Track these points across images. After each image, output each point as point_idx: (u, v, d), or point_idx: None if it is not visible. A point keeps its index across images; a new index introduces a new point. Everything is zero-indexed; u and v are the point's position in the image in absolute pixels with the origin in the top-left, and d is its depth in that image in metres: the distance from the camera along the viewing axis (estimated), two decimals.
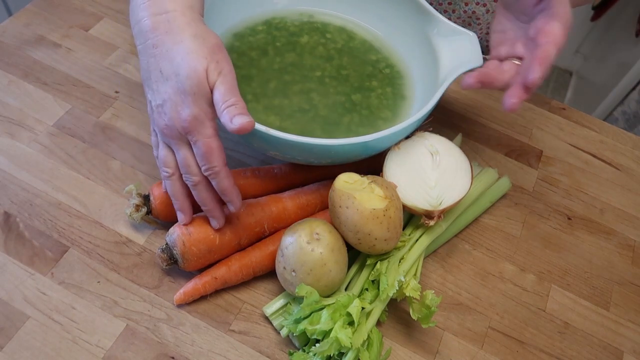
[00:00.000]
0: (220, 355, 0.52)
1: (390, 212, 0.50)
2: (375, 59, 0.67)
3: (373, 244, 0.50)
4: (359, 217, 0.49)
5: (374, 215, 0.49)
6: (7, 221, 0.57)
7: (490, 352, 0.56)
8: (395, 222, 0.50)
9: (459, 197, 0.55)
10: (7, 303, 0.52)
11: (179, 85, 0.46)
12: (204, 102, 0.46)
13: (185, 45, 0.46)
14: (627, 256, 0.65)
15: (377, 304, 0.51)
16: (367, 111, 0.62)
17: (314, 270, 0.49)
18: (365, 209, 0.49)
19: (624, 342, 0.58)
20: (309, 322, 0.48)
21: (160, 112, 0.48)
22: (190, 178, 0.50)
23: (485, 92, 0.77)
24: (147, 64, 0.47)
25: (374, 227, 0.49)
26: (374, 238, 0.50)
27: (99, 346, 0.51)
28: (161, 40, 0.46)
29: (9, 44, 0.71)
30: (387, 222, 0.50)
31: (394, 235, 0.51)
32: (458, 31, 0.62)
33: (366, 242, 0.50)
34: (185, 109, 0.46)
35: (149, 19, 0.47)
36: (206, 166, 0.48)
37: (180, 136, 0.48)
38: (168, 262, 0.53)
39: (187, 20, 0.47)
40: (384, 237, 0.50)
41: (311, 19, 0.70)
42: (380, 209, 0.49)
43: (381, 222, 0.49)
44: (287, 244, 0.50)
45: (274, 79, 0.62)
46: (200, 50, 0.46)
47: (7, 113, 0.64)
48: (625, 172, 0.73)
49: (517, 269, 0.62)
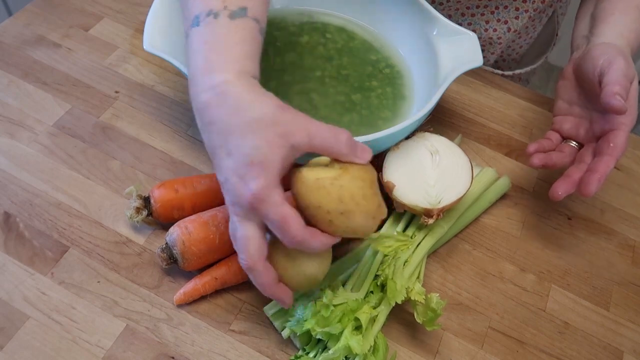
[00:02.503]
0: (220, 355, 0.52)
1: (343, 180, 0.43)
2: (375, 59, 0.67)
3: (329, 219, 0.43)
4: (305, 189, 0.43)
5: (318, 185, 0.43)
6: (7, 221, 0.57)
7: (490, 352, 0.56)
8: (352, 192, 0.43)
9: (458, 195, 0.55)
10: (7, 303, 0.52)
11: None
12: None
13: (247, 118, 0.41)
14: (627, 256, 0.65)
15: (382, 309, 0.52)
16: (367, 111, 0.62)
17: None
18: (307, 179, 0.44)
19: (624, 342, 0.58)
20: (316, 322, 0.48)
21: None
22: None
23: (485, 92, 0.77)
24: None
25: (321, 199, 0.43)
26: (325, 212, 0.43)
27: (99, 346, 0.51)
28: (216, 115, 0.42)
29: (9, 44, 0.71)
30: (339, 191, 0.43)
31: (355, 209, 0.43)
32: (458, 31, 0.62)
33: (322, 218, 0.44)
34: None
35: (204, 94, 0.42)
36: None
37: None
38: (168, 262, 0.53)
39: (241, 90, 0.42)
40: (338, 210, 0.43)
41: (311, 19, 0.69)
42: (327, 177, 0.43)
43: (329, 192, 0.43)
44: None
45: (274, 79, 0.62)
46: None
47: (7, 113, 0.64)
48: (625, 172, 0.73)
49: (517, 269, 0.62)
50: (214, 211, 0.54)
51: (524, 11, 0.76)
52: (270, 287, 0.44)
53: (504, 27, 0.78)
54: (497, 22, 0.78)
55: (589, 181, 0.55)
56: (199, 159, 0.64)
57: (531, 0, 0.75)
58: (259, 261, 0.43)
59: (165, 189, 0.56)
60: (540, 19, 0.81)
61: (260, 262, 0.43)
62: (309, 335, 0.50)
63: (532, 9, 0.76)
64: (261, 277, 0.44)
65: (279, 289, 0.45)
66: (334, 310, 0.49)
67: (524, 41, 0.83)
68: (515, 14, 0.77)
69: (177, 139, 0.65)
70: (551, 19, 0.84)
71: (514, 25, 0.78)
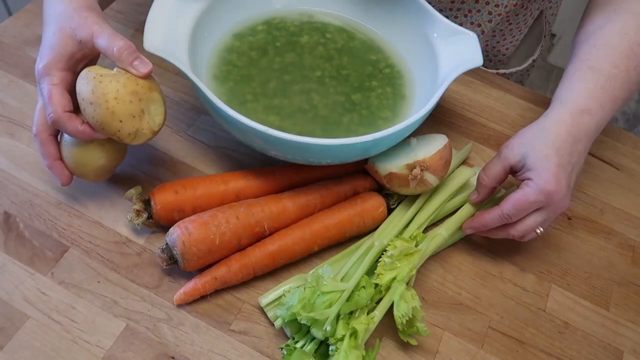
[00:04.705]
0: (220, 355, 0.52)
1: (105, 78, 0.49)
2: (375, 59, 0.67)
3: (83, 106, 0.50)
4: (77, 79, 0.50)
5: (84, 75, 0.50)
6: (7, 221, 0.57)
7: (490, 352, 0.56)
8: (107, 89, 0.49)
9: (437, 148, 0.56)
10: (7, 303, 0.52)
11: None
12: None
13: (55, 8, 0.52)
14: (627, 256, 0.65)
15: (376, 314, 0.52)
16: (367, 111, 0.62)
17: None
18: (82, 71, 0.50)
19: (624, 342, 0.58)
20: (302, 307, 0.49)
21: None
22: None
23: (485, 92, 0.77)
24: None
25: (81, 87, 0.49)
26: (81, 99, 0.49)
27: (99, 346, 0.51)
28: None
29: (9, 44, 0.71)
30: (94, 84, 0.49)
31: (103, 104, 0.49)
32: (458, 31, 0.62)
33: (79, 105, 0.50)
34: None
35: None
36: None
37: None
38: (168, 263, 0.53)
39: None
40: (89, 99, 0.49)
41: (311, 19, 0.69)
42: (94, 72, 0.49)
43: (88, 82, 0.49)
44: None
45: (274, 79, 0.62)
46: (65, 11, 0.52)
47: (7, 113, 0.64)
48: (625, 172, 0.73)
49: (517, 269, 0.62)
50: (214, 211, 0.54)
51: (497, 14, 0.76)
52: (50, 160, 0.54)
53: (477, 30, 0.78)
54: (470, 25, 0.78)
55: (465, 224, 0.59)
56: (199, 159, 0.64)
57: (503, 5, 0.75)
58: (63, 114, 0.50)
59: (165, 191, 0.56)
60: (525, 21, 0.80)
61: (65, 115, 0.50)
62: (299, 324, 0.51)
63: (504, 12, 0.76)
64: (46, 148, 0.53)
65: (58, 165, 0.54)
66: (321, 296, 0.49)
67: (509, 42, 0.83)
68: (489, 17, 0.77)
69: (177, 139, 0.65)
70: (539, 19, 0.84)
71: (487, 27, 0.78)
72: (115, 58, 0.50)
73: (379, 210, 0.59)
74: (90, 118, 0.50)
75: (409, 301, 0.51)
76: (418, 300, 0.52)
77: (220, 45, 0.64)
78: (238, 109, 0.57)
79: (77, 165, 0.55)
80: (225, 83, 0.61)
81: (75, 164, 0.54)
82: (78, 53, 0.52)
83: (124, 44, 0.50)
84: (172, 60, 0.54)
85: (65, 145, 0.54)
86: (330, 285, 0.51)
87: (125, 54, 0.50)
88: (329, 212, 0.58)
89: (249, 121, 0.51)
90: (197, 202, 0.56)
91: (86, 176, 0.56)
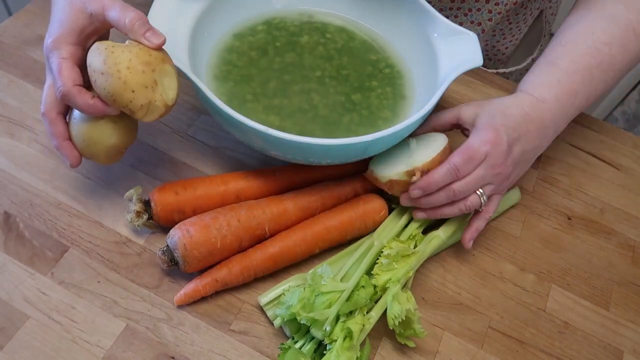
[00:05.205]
0: (220, 355, 0.52)
1: (117, 49, 0.48)
2: (375, 59, 0.67)
3: (94, 78, 0.48)
4: (88, 52, 0.50)
5: (95, 47, 0.49)
6: (7, 221, 0.57)
7: (490, 352, 0.56)
8: (119, 59, 0.47)
9: (436, 152, 0.56)
10: (7, 303, 0.52)
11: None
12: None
13: None
14: (627, 256, 0.65)
15: (372, 315, 0.52)
16: (367, 111, 0.62)
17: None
18: (94, 44, 0.49)
19: (624, 342, 0.58)
20: (301, 307, 0.49)
21: None
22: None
23: (485, 92, 0.77)
24: None
25: (92, 59, 0.48)
26: (92, 70, 0.48)
27: (99, 346, 0.51)
28: None
29: (9, 44, 0.71)
30: (106, 55, 0.47)
31: (115, 74, 0.47)
32: (458, 31, 0.62)
33: (90, 77, 0.49)
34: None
35: None
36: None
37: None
38: (169, 264, 0.53)
39: None
40: (100, 69, 0.47)
41: (311, 19, 0.69)
42: (107, 43, 0.48)
43: (100, 53, 0.48)
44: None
45: (274, 79, 0.62)
46: None
47: (7, 113, 0.64)
48: (625, 172, 0.73)
49: (517, 269, 0.62)
50: (215, 213, 0.54)
51: (497, 13, 0.76)
52: (59, 140, 0.52)
53: (477, 29, 0.78)
54: (470, 24, 0.78)
55: (464, 236, 0.59)
56: (199, 159, 0.64)
57: (503, 3, 0.75)
58: (73, 87, 0.48)
59: (165, 192, 0.56)
60: (525, 20, 0.81)
61: (75, 88, 0.49)
62: (298, 324, 0.51)
63: (504, 10, 0.76)
64: (55, 127, 0.52)
65: (67, 145, 0.52)
66: (320, 296, 0.49)
67: (509, 42, 0.83)
68: (489, 16, 0.77)
69: (177, 139, 0.65)
70: (539, 18, 0.84)
71: (487, 26, 0.78)
72: (127, 30, 0.49)
73: (380, 213, 0.59)
74: (101, 90, 0.48)
75: (402, 303, 0.51)
76: (413, 303, 0.52)
77: (220, 45, 0.64)
78: (238, 109, 0.57)
79: (87, 144, 0.52)
80: (225, 83, 0.61)
81: (85, 143, 0.52)
82: (89, 27, 0.51)
83: (136, 15, 0.49)
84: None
85: (74, 124, 0.52)
86: (329, 285, 0.51)
87: (137, 25, 0.49)
88: (330, 213, 0.58)
89: (249, 121, 0.51)
90: (198, 202, 0.56)
91: (97, 157, 0.53)
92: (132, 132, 0.54)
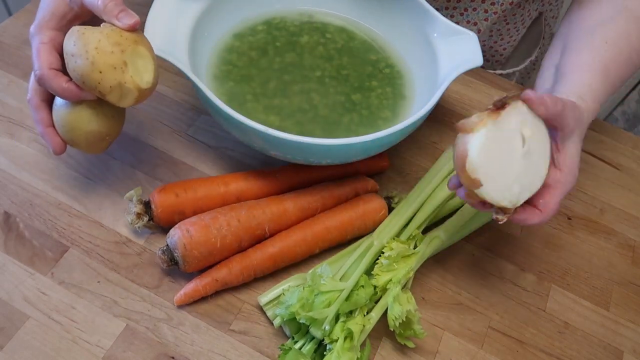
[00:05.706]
0: (220, 355, 0.52)
1: (89, 30, 0.48)
2: (375, 59, 0.67)
3: (66, 60, 0.48)
4: (64, 36, 0.50)
5: (70, 31, 0.48)
6: (7, 221, 0.57)
7: (490, 352, 0.56)
8: (88, 40, 0.47)
9: (535, 189, 0.49)
10: (7, 303, 0.52)
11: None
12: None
13: None
14: (627, 256, 0.65)
15: (373, 316, 0.52)
16: (367, 111, 0.62)
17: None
18: (70, 29, 0.49)
19: (624, 342, 0.58)
20: (300, 307, 0.49)
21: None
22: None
23: (485, 92, 0.77)
24: None
25: (67, 42, 0.48)
26: (65, 52, 0.48)
27: (99, 346, 0.51)
28: None
29: (9, 44, 0.71)
30: (77, 36, 0.47)
31: (84, 55, 0.47)
32: (458, 31, 0.62)
33: (64, 61, 0.49)
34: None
35: None
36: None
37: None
38: (168, 264, 0.53)
39: None
40: (71, 51, 0.47)
41: (311, 19, 0.70)
42: (81, 27, 0.48)
43: (71, 35, 0.48)
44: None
45: (274, 79, 0.62)
46: None
47: (7, 113, 0.64)
48: (625, 172, 0.73)
49: (517, 268, 0.62)
50: (215, 213, 0.54)
51: (493, 13, 0.76)
52: (42, 126, 0.53)
53: (473, 29, 0.78)
54: (466, 24, 0.78)
55: (515, 216, 0.50)
56: (199, 159, 0.64)
57: (499, 3, 0.75)
58: (49, 71, 0.49)
59: (165, 193, 0.55)
60: (523, 21, 0.80)
61: (51, 72, 0.49)
62: (298, 324, 0.51)
63: (500, 11, 0.76)
64: (39, 113, 0.53)
65: (50, 132, 0.53)
66: (319, 296, 0.49)
67: (506, 43, 0.83)
68: (485, 15, 0.77)
69: (177, 139, 0.65)
70: (538, 20, 0.84)
71: (483, 26, 0.78)
72: (101, 12, 0.49)
73: (380, 213, 0.59)
74: (72, 72, 0.48)
75: (403, 304, 0.51)
76: (414, 303, 0.52)
77: (220, 45, 0.64)
78: (238, 109, 0.57)
79: (66, 130, 0.52)
80: (225, 83, 0.61)
81: (64, 129, 0.52)
82: (69, 13, 0.52)
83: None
84: (172, 60, 0.54)
85: (56, 110, 0.52)
86: (329, 284, 0.51)
87: (110, 6, 0.49)
88: (330, 213, 0.58)
89: (249, 121, 0.51)
90: (198, 204, 0.56)
91: (77, 143, 0.53)
92: (114, 120, 0.53)
